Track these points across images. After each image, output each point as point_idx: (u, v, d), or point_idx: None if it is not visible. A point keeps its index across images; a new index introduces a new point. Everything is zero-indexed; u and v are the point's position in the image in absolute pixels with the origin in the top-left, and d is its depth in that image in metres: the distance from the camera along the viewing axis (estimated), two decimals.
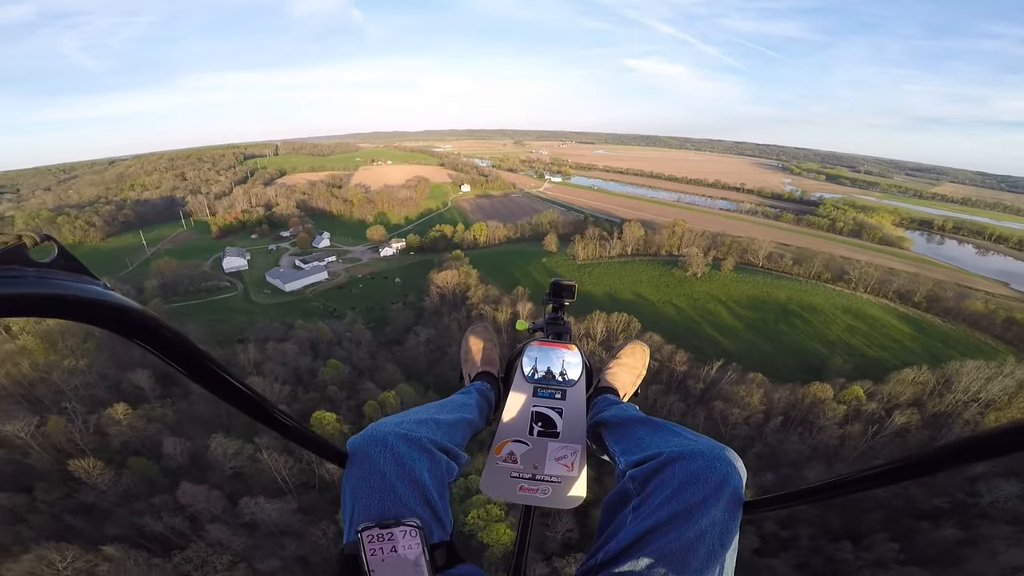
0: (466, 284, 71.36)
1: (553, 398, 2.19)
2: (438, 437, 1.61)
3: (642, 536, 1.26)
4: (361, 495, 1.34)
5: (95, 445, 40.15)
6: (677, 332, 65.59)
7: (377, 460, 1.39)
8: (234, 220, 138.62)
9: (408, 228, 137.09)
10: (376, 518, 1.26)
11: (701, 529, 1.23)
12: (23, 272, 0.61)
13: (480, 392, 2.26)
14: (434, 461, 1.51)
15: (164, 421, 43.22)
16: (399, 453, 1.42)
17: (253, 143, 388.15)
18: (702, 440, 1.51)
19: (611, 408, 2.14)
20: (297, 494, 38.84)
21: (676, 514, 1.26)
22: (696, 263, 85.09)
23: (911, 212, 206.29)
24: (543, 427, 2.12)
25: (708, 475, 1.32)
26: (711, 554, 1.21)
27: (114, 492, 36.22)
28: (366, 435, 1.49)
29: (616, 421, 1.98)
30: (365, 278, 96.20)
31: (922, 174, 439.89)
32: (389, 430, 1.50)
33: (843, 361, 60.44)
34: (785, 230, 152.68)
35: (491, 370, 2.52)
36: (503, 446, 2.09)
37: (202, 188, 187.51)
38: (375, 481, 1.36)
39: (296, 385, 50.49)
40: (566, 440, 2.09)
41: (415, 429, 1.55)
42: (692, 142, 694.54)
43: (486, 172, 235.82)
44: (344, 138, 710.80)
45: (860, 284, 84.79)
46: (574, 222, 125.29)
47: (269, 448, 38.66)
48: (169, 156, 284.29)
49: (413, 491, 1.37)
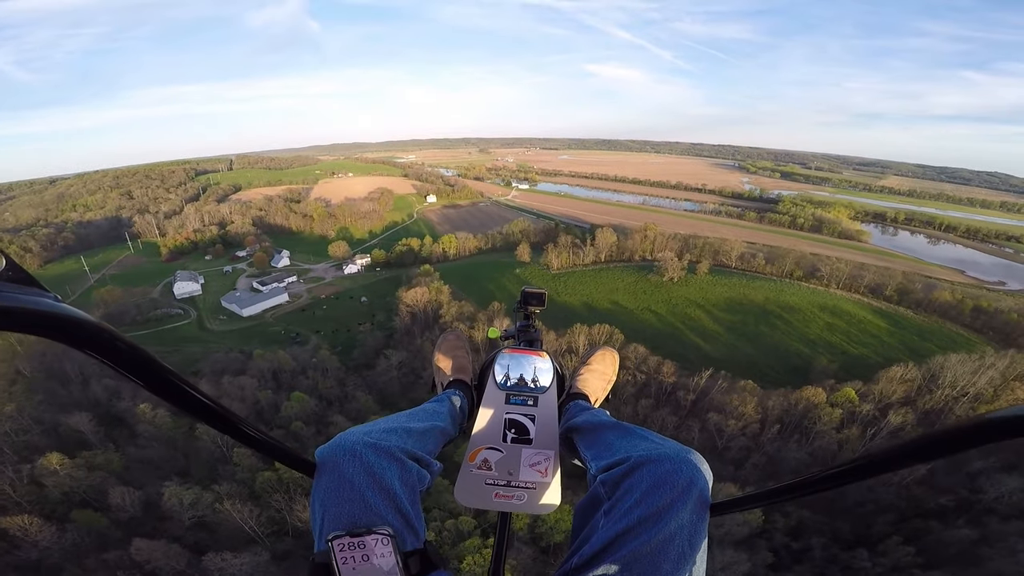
0: (438, 301, 67.57)
1: (525, 405, 2.20)
2: (408, 445, 1.59)
3: (614, 540, 1.28)
4: (331, 504, 1.32)
5: (32, 497, 35.09)
6: (659, 340, 63.78)
7: (346, 469, 1.37)
8: (185, 240, 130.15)
9: (373, 243, 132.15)
10: (346, 527, 1.25)
11: (671, 532, 1.25)
12: None
13: (452, 400, 2.22)
14: (405, 469, 1.50)
15: (109, 468, 38.15)
16: (368, 462, 1.41)
17: (205, 158, 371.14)
18: (668, 443, 1.54)
19: (582, 414, 2.13)
20: (269, 542, 34.50)
21: (646, 517, 1.27)
22: (672, 268, 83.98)
23: (865, 206, 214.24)
24: (516, 434, 2.13)
25: (675, 478, 1.33)
26: (681, 556, 1.23)
27: (59, 548, 31.24)
28: (334, 444, 1.46)
29: (587, 426, 1.99)
30: (329, 298, 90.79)
31: (868, 168, 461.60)
32: (357, 439, 1.48)
33: (828, 360, 59.83)
34: (749, 228, 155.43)
35: (464, 378, 2.51)
36: (477, 453, 2.09)
37: (150, 207, 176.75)
38: (344, 490, 1.34)
39: (258, 421, 45.36)
40: (539, 446, 2.11)
41: (384, 438, 1.54)
42: (652, 144, 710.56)
43: (452, 182, 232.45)
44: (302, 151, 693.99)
45: (832, 280, 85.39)
46: (545, 230, 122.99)
47: (232, 497, 34.27)
48: (115, 174, 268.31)
49: (383, 499, 1.36)
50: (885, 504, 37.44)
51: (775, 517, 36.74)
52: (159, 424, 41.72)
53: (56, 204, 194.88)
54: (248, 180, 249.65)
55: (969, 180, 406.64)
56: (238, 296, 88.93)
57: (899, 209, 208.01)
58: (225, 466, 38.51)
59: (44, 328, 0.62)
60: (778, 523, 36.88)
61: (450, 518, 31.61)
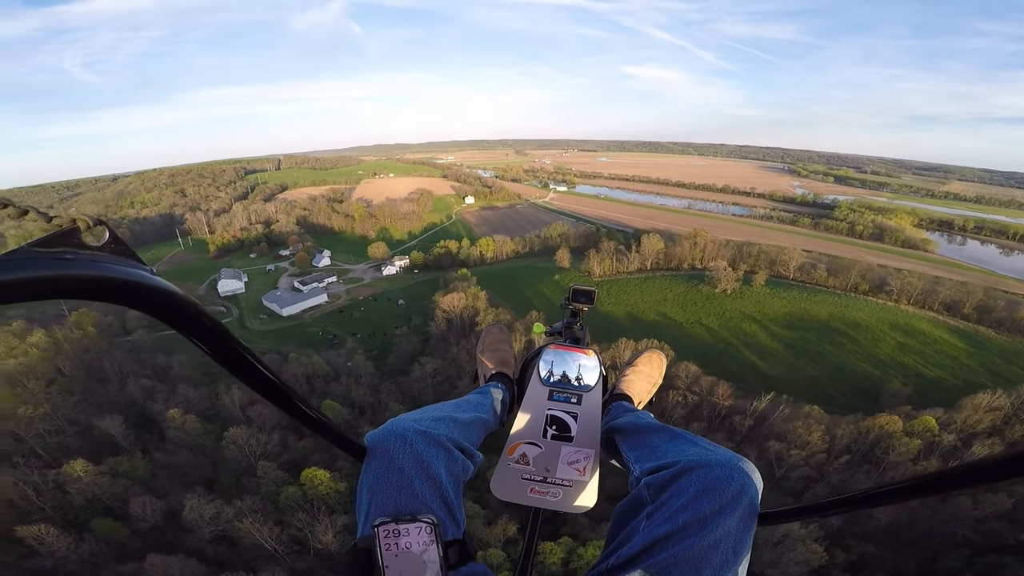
0: (474, 307, 65.50)
1: (569, 402, 2.19)
2: (455, 435, 1.62)
3: (654, 543, 1.26)
4: (379, 490, 1.35)
5: (55, 503, 34.71)
6: (711, 357, 59.69)
7: (396, 455, 1.41)
8: (232, 238, 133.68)
9: (411, 244, 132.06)
10: (392, 513, 1.28)
11: (715, 538, 1.23)
12: (76, 255, 0.63)
13: (494, 393, 2.23)
14: (451, 459, 1.53)
15: (134, 476, 37.58)
16: (418, 449, 1.44)
17: (255, 158, 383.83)
18: (719, 450, 1.52)
19: (626, 415, 2.12)
20: (290, 560, 33.06)
21: (690, 523, 1.26)
22: (725, 279, 78.51)
23: (929, 212, 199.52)
24: (557, 431, 2.12)
25: (726, 485, 1.31)
26: (724, 563, 1.21)
27: (76, 557, 30.65)
28: (385, 430, 1.51)
29: (631, 428, 1.97)
30: (367, 300, 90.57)
31: (929, 173, 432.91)
32: (408, 426, 1.52)
33: (902, 384, 54.31)
34: (804, 235, 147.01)
35: (506, 372, 2.55)
36: (516, 447, 2.09)
37: (201, 205, 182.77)
38: (393, 476, 1.37)
39: (287, 431, 44.80)
40: (580, 445, 2.09)
41: (433, 426, 1.57)
42: (695, 147, 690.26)
43: (489, 183, 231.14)
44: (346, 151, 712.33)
45: (903, 296, 78.38)
46: (586, 234, 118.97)
47: (254, 512, 33.00)
48: (170, 172, 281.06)
49: (430, 488, 1.38)
50: (958, 538, 34.15)
51: (835, 552, 33.45)
52: (188, 429, 41.19)
53: (116, 200, 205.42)
54: (294, 180, 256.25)
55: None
56: (279, 295, 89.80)
57: (968, 216, 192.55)
58: (251, 478, 37.42)
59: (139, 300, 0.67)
60: (838, 558, 33.44)
61: None
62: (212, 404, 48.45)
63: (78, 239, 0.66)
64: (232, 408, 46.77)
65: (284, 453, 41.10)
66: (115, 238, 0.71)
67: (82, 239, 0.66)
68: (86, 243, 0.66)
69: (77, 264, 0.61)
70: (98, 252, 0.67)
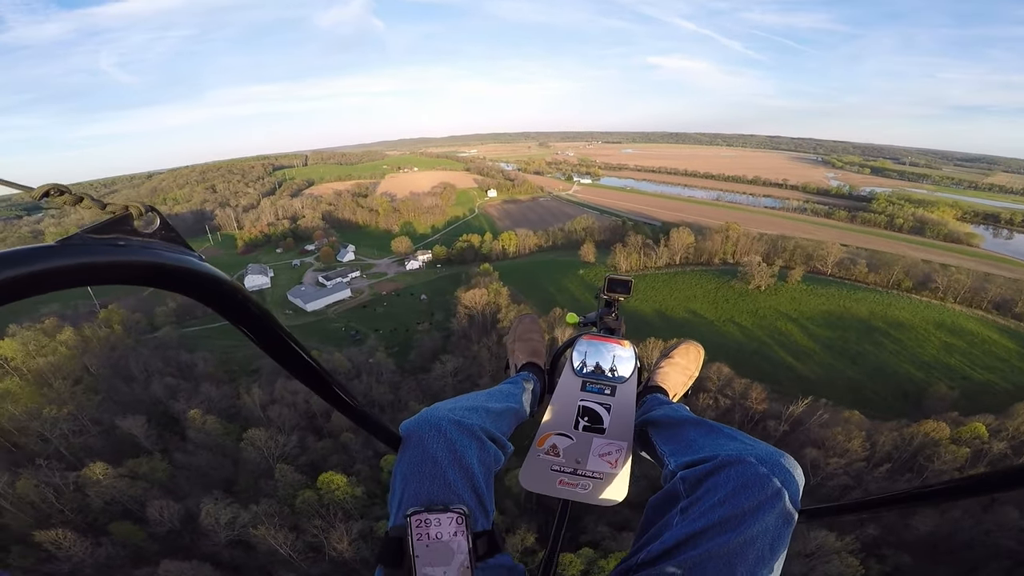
0: (496, 304, 64.33)
1: (602, 393, 2.16)
2: (488, 425, 1.62)
3: (689, 538, 1.25)
4: (412, 479, 1.36)
5: (75, 505, 34.99)
6: (743, 357, 57.12)
7: (430, 445, 1.41)
8: (259, 234, 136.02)
9: (435, 238, 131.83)
10: (425, 503, 1.29)
11: (752, 535, 1.21)
12: (129, 241, 0.65)
13: (527, 383, 2.24)
14: (484, 449, 1.52)
15: (153, 478, 37.71)
16: (452, 439, 1.44)
17: (283, 154, 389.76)
18: (760, 445, 1.49)
19: (661, 408, 2.10)
20: (305, 566, 32.73)
21: (727, 518, 1.24)
22: (759, 275, 74.61)
23: (972, 205, 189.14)
24: (589, 422, 2.10)
25: (766, 481, 1.29)
26: (759, 560, 1.19)
27: (93, 561, 30.74)
28: (420, 419, 1.52)
29: (666, 421, 1.94)
30: (390, 295, 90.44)
31: (972, 164, 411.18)
32: (443, 415, 1.52)
33: (948, 387, 51.09)
34: (840, 228, 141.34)
35: (537, 362, 2.54)
36: (546, 438, 2.07)
37: (231, 201, 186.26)
38: (427, 466, 1.38)
39: (306, 432, 44.58)
40: (612, 437, 2.06)
41: (467, 416, 1.57)
42: (723, 137, 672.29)
43: (512, 176, 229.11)
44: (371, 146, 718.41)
45: (949, 293, 73.71)
46: (611, 227, 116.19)
47: (271, 516, 32.72)
48: (201, 169, 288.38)
49: (462, 478, 1.39)
50: (1000, 549, 31.98)
51: (871, 563, 31.61)
52: (209, 430, 41.17)
53: (150, 197, 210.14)
54: (320, 175, 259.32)
55: None
56: (303, 291, 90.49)
57: (1015, 209, 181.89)
58: (268, 481, 37.14)
59: (188, 286, 0.70)
60: (873, 570, 31.57)
61: None
62: (233, 403, 48.66)
63: (131, 226, 0.67)
64: (253, 407, 46.88)
65: (302, 455, 40.77)
66: (166, 225, 0.73)
67: (134, 226, 0.68)
68: (138, 230, 0.68)
69: (129, 250, 0.63)
70: (149, 238, 0.69)
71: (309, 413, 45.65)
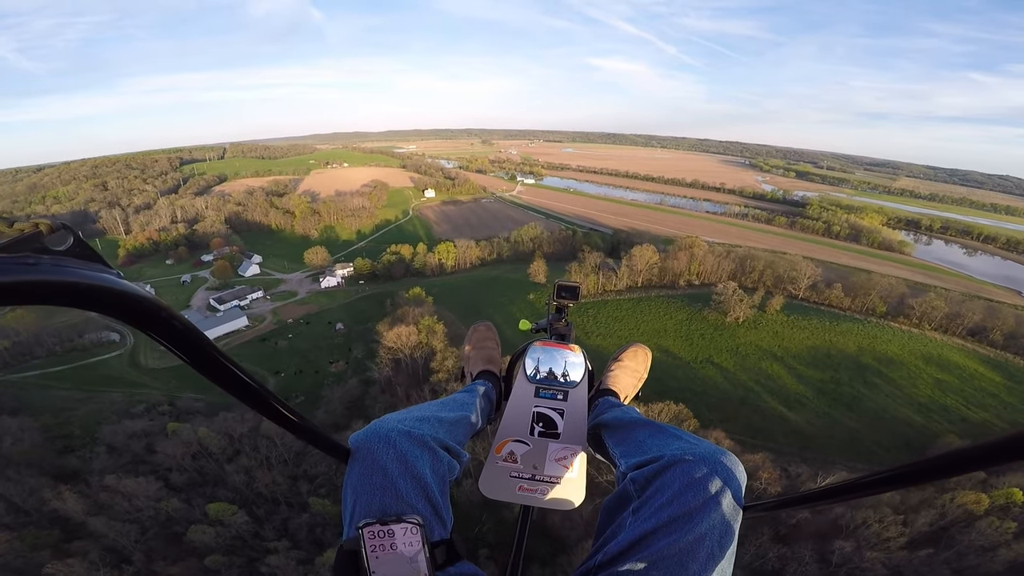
0: (429, 345, 51.11)
1: (555, 399, 2.20)
2: (440, 435, 1.61)
3: (641, 538, 1.27)
4: (363, 491, 1.34)
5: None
6: (729, 408, 48.37)
7: (380, 456, 1.39)
8: (147, 241, 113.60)
9: (360, 245, 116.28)
10: (377, 515, 1.27)
11: (701, 532, 1.24)
12: (39, 259, 0.61)
13: (482, 391, 2.21)
14: (436, 459, 1.52)
15: None
16: (402, 450, 1.42)
17: (198, 146, 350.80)
18: (703, 444, 1.52)
19: (612, 410, 2.11)
20: None
21: (676, 517, 1.27)
22: (737, 306, 65.44)
23: (896, 212, 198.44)
24: (544, 427, 2.13)
25: (709, 479, 1.33)
26: (710, 557, 1.22)
27: None
28: (369, 431, 1.49)
29: (617, 423, 1.97)
30: (297, 323, 74.62)
31: (879, 168, 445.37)
32: (392, 427, 1.50)
33: (956, 436, 44.74)
34: (781, 236, 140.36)
35: (493, 369, 2.52)
36: (503, 445, 2.09)
37: (123, 200, 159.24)
38: (377, 477, 1.36)
39: (147, 558, 30.27)
40: (567, 441, 2.10)
41: (418, 426, 1.56)
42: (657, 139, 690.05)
43: (453, 175, 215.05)
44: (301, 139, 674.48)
45: (924, 320, 68.73)
46: (562, 239, 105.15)
47: None
48: (93, 163, 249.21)
49: (415, 488, 1.38)
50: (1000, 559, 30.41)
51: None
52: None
53: (27, 195, 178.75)
54: (236, 170, 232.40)
55: (982, 183, 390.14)
56: (189, 318, 72.76)
57: (932, 216, 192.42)
58: None
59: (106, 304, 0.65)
60: None
61: None
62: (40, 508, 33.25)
63: (41, 243, 0.64)
64: (74, 515, 32.00)
65: None
66: (80, 242, 0.69)
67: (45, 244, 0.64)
68: (48, 247, 0.64)
69: (40, 269, 0.59)
70: (62, 256, 0.65)
71: (157, 518, 31.26)
